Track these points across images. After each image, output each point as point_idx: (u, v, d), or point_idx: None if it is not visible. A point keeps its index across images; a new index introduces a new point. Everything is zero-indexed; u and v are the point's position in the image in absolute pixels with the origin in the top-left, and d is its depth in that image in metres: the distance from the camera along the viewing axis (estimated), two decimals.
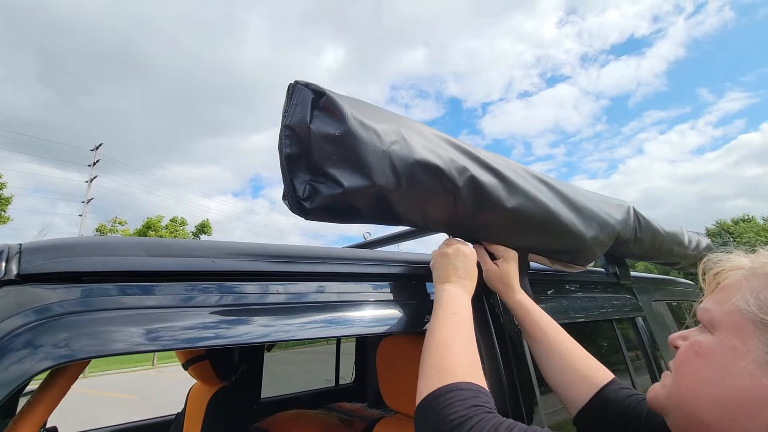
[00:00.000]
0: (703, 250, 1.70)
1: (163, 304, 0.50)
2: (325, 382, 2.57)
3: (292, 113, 0.58)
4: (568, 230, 0.88)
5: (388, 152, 0.62)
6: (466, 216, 0.75)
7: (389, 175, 0.62)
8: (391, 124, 0.66)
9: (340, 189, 0.58)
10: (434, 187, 0.68)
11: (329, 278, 0.70)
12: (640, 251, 1.24)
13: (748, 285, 0.45)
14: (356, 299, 0.71)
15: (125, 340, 0.44)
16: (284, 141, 0.58)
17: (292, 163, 0.58)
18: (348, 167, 0.59)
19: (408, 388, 1.14)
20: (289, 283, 0.65)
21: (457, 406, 0.49)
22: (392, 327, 0.72)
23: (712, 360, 0.45)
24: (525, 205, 0.80)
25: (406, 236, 1.46)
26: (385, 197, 0.64)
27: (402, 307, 0.76)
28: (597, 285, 1.28)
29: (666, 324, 1.53)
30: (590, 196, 1.01)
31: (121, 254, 0.51)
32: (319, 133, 0.57)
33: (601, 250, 1.03)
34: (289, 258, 0.66)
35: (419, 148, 0.66)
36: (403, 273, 0.81)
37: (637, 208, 1.21)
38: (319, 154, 0.58)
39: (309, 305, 0.66)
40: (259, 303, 0.60)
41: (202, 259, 0.55)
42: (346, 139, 0.58)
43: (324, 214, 0.62)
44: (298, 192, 0.58)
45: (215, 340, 0.52)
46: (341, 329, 0.68)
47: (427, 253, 0.90)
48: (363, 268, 0.76)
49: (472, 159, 0.75)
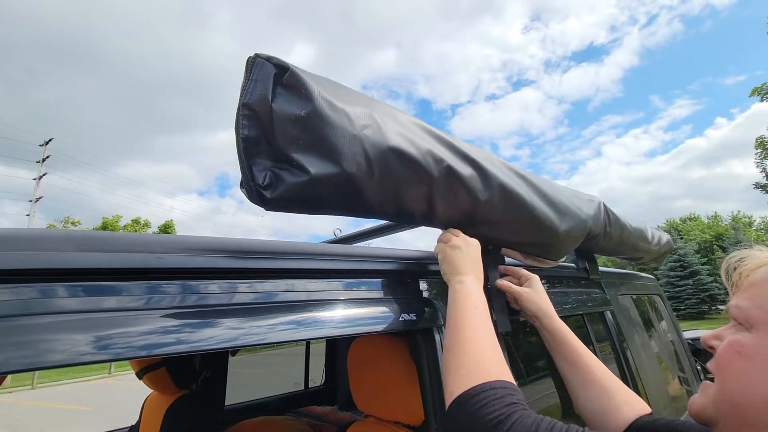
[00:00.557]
0: (664, 246, 1.76)
1: (94, 307, 0.43)
2: (294, 385, 2.48)
3: (251, 90, 0.51)
4: (543, 224, 0.86)
5: (359, 137, 0.57)
6: (441, 208, 0.72)
7: (361, 162, 0.57)
8: (363, 107, 0.60)
9: (306, 176, 0.52)
10: (409, 176, 0.64)
11: (297, 275, 0.64)
12: (609, 246, 1.26)
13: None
14: (327, 298, 0.65)
15: (40, 351, 0.36)
16: (242, 122, 0.51)
17: (250, 148, 0.52)
18: (315, 152, 0.53)
19: (381, 390, 1.10)
20: (251, 281, 0.59)
21: (493, 405, 0.48)
22: (365, 327, 0.67)
23: (756, 360, 0.43)
24: (501, 197, 0.77)
25: (378, 232, 1.41)
26: (356, 186, 0.59)
27: (376, 305, 0.71)
28: (568, 280, 1.28)
29: (631, 317, 1.57)
30: (563, 190, 1.00)
31: (43, 249, 0.43)
32: (282, 113, 0.51)
33: (573, 244, 1.03)
34: (250, 254, 0.60)
35: (393, 134, 0.62)
36: (376, 269, 0.76)
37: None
38: (282, 137, 0.51)
39: (275, 306, 0.59)
40: (216, 304, 0.54)
41: (145, 254, 0.48)
42: (313, 121, 0.52)
43: (287, 205, 0.56)
44: (257, 179, 0.52)
45: (162, 349, 0.45)
46: (311, 331, 0.62)
47: (400, 249, 0.86)
48: (334, 264, 0.70)
49: (449, 149, 0.71)
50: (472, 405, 0.49)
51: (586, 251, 1.37)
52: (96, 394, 10.51)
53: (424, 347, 0.76)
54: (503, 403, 0.49)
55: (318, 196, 0.56)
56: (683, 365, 2.07)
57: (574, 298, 1.22)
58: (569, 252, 1.06)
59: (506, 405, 0.48)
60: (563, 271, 1.27)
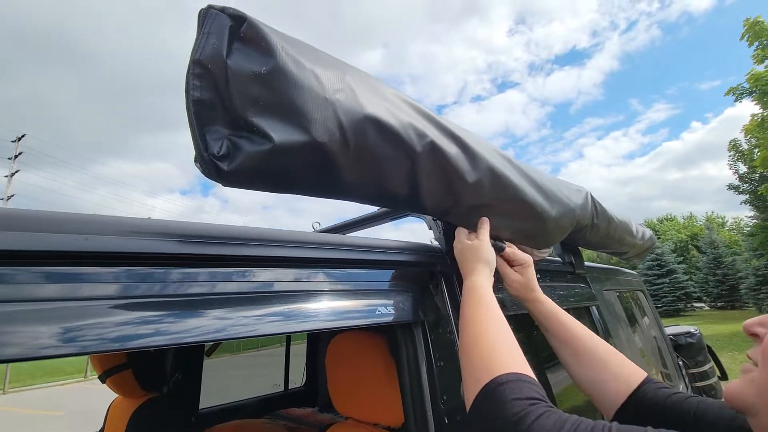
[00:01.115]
0: (648, 241, 1.75)
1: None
2: (273, 387, 2.39)
3: (204, 45, 0.44)
4: (533, 210, 0.81)
5: (331, 101, 0.50)
6: (427, 189, 0.66)
7: (333, 131, 0.50)
8: (335, 69, 0.54)
9: (268, 144, 0.45)
10: (390, 151, 0.58)
11: (260, 264, 0.57)
12: (596, 239, 1.23)
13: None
14: (293, 289, 0.59)
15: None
16: (192, 82, 0.44)
17: (203, 113, 0.44)
18: (278, 116, 0.46)
19: (360, 391, 1.03)
20: (207, 269, 0.52)
21: (525, 392, 0.48)
22: (334, 322, 0.61)
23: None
24: (490, 180, 0.71)
25: (360, 224, 1.35)
26: (329, 160, 0.52)
27: (350, 298, 0.64)
28: (554, 274, 1.25)
29: (616, 312, 1.55)
30: (551, 178, 0.96)
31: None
32: (239, 70, 0.44)
33: (562, 234, 0.98)
34: (207, 239, 0.53)
35: (370, 102, 0.55)
36: (351, 259, 0.69)
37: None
38: (240, 99, 0.44)
39: (233, 298, 0.53)
40: (168, 295, 0.47)
41: (67, 236, 0.40)
42: (276, 79, 0.45)
43: (248, 179, 0.49)
44: (212, 149, 0.45)
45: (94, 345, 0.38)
46: (286, 325, 0.56)
47: (377, 238, 0.80)
48: (312, 252, 0.63)
49: (433, 124, 0.65)
50: (496, 397, 0.49)
51: (572, 245, 1.34)
52: (70, 399, 10.12)
53: (404, 344, 0.71)
54: (525, 396, 0.47)
55: (284, 169, 0.50)
56: (665, 361, 2.07)
57: (559, 292, 1.19)
58: (557, 242, 1.02)
59: (529, 398, 0.47)
60: (549, 265, 1.23)
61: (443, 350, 0.73)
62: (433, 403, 0.67)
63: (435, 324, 0.75)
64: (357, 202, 0.64)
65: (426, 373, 0.68)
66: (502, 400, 0.48)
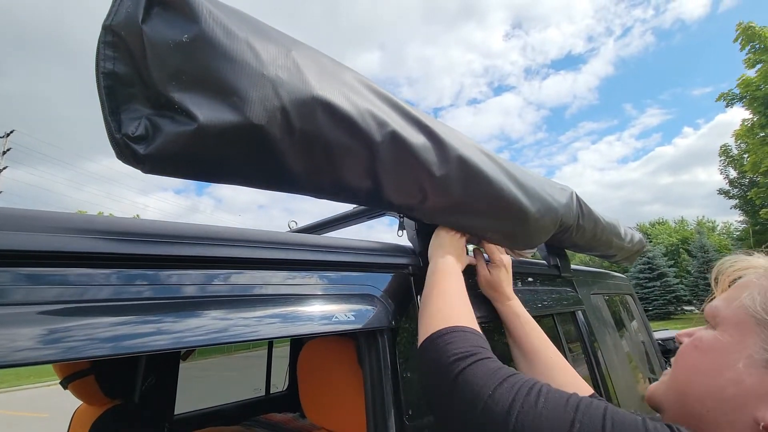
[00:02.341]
0: (637, 244, 1.71)
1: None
2: (254, 391, 2.32)
3: (117, 9, 0.38)
4: (511, 209, 0.75)
5: (270, 78, 0.44)
6: (389, 184, 0.60)
7: (273, 112, 0.44)
8: (279, 45, 0.47)
9: (193, 125, 0.39)
10: (344, 139, 0.52)
11: (229, 265, 0.52)
12: (582, 240, 1.18)
13: (758, 283, 0.44)
14: (273, 293, 0.55)
15: None
16: (104, 52, 0.38)
17: (118, 88, 0.38)
18: (205, 92, 0.40)
19: (333, 400, 0.98)
20: (156, 270, 0.46)
21: (461, 342, 0.51)
22: (299, 329, 0.55)
23: (708, 353, 0.45)
24: (461, 173, 0.65)
25: (336, 223, 1.28)
26: (271, 146, 0.46)
27: (304, 303, 0.58)
28: (538, 278, 1.20)
29: (603, 317, 1.50)
30: (534, 176, 0.90)
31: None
32: (156, 37, 0.38)
33: (543, 235, 0.93)
34: (153, 237, 0.46)
35: (321, 82, 0.49)
36: (319, 261, 0.63)
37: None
38: (159, 72, 0.38)
39: (185, 302, 0.47)
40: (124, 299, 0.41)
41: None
42: (200, 48, 0.39)
43: (170, 165, 0.42)
44: (126, 129, 0.39)
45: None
46: (220, 334, 0.50)
47: (349, 238, 0.74)
48: (286, 254, 0.58)
49: (396, 111, 0.59)
50: (443, 341, 0.52)
51: (558, 247, 1.29)
52: (56, 401, 9.92)
53: (367, 352, 0.65)
54: (471, 343, 0.51)
55: (215, 154, 0.43)
56: (653, 365, 2.03)
57: (544, 297, 1.14)
58: (539, 243, 0.96)
59: (473, 345, 0.51)
60: (533, 269, 1.18)
61: (411, 361, 0.67)
62: (397, 420, 0.61)
63: (403, 332, 0.69)
64: (311, 196, 0.58)
65: (391, 387, 0.63)
66: (442, 348, 0.51)
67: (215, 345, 0.49)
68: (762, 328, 0.41)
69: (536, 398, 0.42)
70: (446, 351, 0.50)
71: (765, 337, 0.40)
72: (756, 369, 0.40)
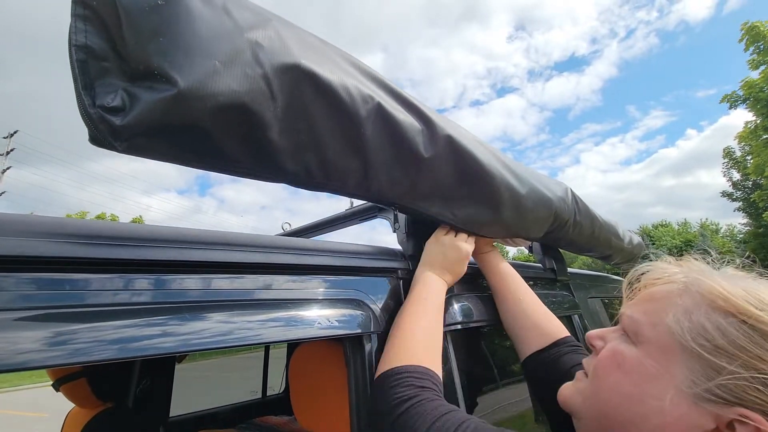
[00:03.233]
0: (636, 247, 1.69)
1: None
2: (250, 394, 2.30)
3: None
4: (503, 193, 0.73)
5: (251, 43, 0.43)
6: (376, 165, 0.58)
7: (255, 79, 0.42)
8: (258, 15, 0.46)
9: (173, 90, 0.37)
10: (328, 111, 0.50)
11: (218, 269, 0.52)
12: (580, 238, 1.16)
13: (681, 302, 0.42)
14: (255, 298, 0.54)
15: None
16: (76, 25, 0.36)
17: (92, 63, 0.37)
18: (185, 56, 0.38)
19: (323, 404, 0.96)
20: (140, 276, 0.45)
21: (404, 386, 0.51)
22: (281, 335, 0.54)
23: (633, 376, 0.43)
24: (449, 155, 0.63)
25: (329, 225, 1.27)
26: (251, 114, 0.44)
27: (299, 308, 0.57)
28: (533, 281, 1.18)
29: (601, 321, 1.48)
30: (526, 167, 0.89)
31: None
32: (131, 4, 0.37)
33: (538, 226, 0.91)
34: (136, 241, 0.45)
35: (304, 53, 0.47)
36: (303, 264, 0.62)
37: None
38: (135, 38, 0.37)
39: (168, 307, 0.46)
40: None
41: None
42: (177, 9, 0.38)
43: (146, 140, 0.40)
44: (101, 100, 0.37)
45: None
46: (238, 336, 0.49)
47: (334, 241, 0.73)
48: (267, 257, 0.57)
49: (380, 87, 0.57)
50: (387, 384, 0.53)
51: (554, 247, 1.27)
52: (56, 401, 9.92)
53: (352, 358, 0.63)
54: (414, 384, 0.51)
55: (197, 127, 0.41)
56: None
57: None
58: (536, 235, 0.95)
59: (417, 387, 0.51)
60: (528, 271, 1.16)
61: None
62: None
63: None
64: (302, 186, 0.56)
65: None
66: (387, 390, 0.52)
67: (189, 352, 0.48)
68: (689, 357, 0.39)
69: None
70: (389, 394, 0.51)
71: (692, 367, 0.39)
72: (682, 401, 0.39)
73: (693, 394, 0.38)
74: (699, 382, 0.38)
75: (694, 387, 0.38)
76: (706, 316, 0.40)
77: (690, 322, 0.40)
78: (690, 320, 0.40)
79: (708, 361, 0.38)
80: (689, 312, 0.41)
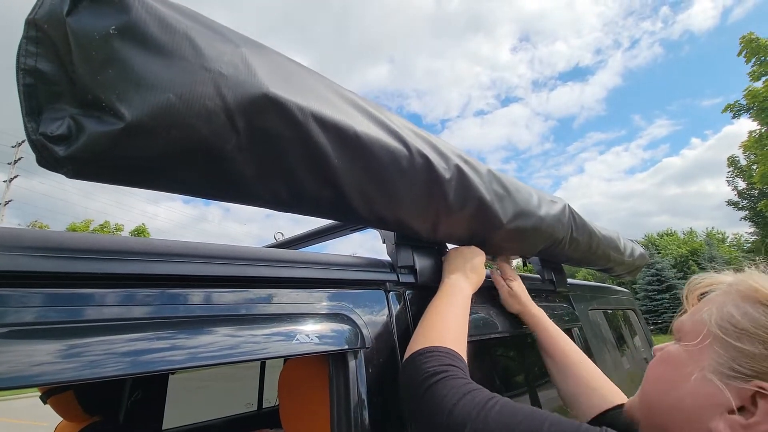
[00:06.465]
0: (638, 258, 1.65)
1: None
2: (245, 406, 2.26)
3: (41, 2, 0.35)
4: (488, 216, 0.71)
5: (212, 74, 0.40)
6: (350, 191, 0.56)
7: (216, 112, 0.40)
8: (227, 42, 0.44)
9: (120, 124, 0.36)
10: (296, 141, 0.48)
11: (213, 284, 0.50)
12: (577, 254, 1.13)
13: (719, 299, 0.46)
14: (234, 313, 0.51)
15: None
16: (25, 48, 0.35)
17: (41, 87, 0.35)
18: (133, 88, 0.36)
19: (312, 420, 0.93)
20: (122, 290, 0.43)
21: (435, 362, 0.55)
22: (284, 349, 0.52)
23: (671, 366, 0.47)
24: (426, 176, 0.61)
25: (320, 235, 1.25)
26: (209, 148, 0.42)
27: (281, 323, 0.55)
28: (533, 293, 1.15)
29: (602, 334, 1.44)
30: (524, 184, 0.87)
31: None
32: (83, 30, 0.35)
33: (532, 248, 0.89)
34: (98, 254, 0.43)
35: (274, 81, 0.45)
36: (285, 278, 0.59)
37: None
38: (84, 66, 0.35)
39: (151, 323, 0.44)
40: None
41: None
42: (130, 40, 0.36)
43: (95, 170, 0.39)
44: (44, 129, 0.35)
45: None
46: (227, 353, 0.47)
47: (319, 253, 0.70)
48: (245, 270, 0.54)
49: (361, 112, 0.55)
50: (419, 360, 0.56)
51: (553, 261, 1.24)
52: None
53: (335, 376, 0.60)
54: (444, 362, 0.55)
55: (150, 159, 0.39)
56: None
57: None
58: (527, 255, 0.92)
59: (446, 364, 0.54)
60: (525, 283, 1.13)
61: (383, 385, 0.62)
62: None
63: (376, 353, 0.64)
64: (272, 208, 0.54)
65: (359, 415, 0.58)
66: (419, 365, 0.55)
67: (163, 372, 0.45)
68: (715, 341, 0.43)
69: (490, 410, 0.46)
70: (421, 368, 0.55)
71: (718, 350, 0.42)
72: (709, 381, 0.42)
73: (719, 373, 0.41)
74: (723, 362, 0.41)
75: (719, 367, 0.41)
76: (734, 305, 0.43)
77: (720, 312, 0.44)
78: (720, 311, 0.44)
79: (731, 344, 0.41)
80: (722, 305, 0.45)
